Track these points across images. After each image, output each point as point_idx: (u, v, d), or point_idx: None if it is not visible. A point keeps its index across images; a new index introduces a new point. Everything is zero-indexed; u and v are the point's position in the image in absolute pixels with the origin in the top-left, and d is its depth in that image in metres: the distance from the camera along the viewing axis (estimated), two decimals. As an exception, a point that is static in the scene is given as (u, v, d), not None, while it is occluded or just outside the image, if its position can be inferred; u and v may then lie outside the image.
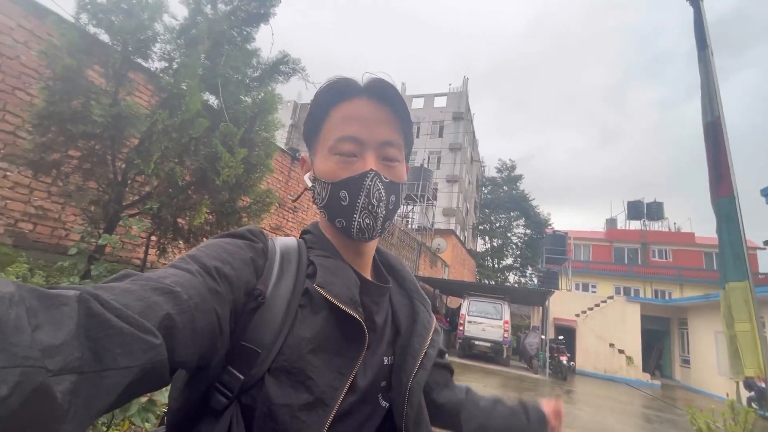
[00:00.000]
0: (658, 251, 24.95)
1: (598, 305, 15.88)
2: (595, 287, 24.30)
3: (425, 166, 23.83)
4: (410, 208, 20.33)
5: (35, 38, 3.46)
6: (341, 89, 0.59)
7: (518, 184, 37.36)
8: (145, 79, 3.55)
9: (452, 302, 18.93)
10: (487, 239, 37.37)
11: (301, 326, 0.51)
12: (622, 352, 14.85)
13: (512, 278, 36.48)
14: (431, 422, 0.62)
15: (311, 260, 0.58)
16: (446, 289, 17.34)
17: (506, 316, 12.72)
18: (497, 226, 37.19)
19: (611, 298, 16.25)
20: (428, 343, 0.61)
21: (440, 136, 28.42)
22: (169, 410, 0.51)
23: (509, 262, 36.84)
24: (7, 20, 3.35)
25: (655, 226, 26.13)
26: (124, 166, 3.15)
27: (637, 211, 26.16)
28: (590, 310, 15.84)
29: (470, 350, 12.90)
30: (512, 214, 36.70)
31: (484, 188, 38.54)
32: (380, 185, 0.57)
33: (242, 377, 0.47)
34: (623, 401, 9.97)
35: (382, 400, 0.57)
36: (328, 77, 0.62)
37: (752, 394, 7.47)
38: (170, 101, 3.07)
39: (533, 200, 36.55)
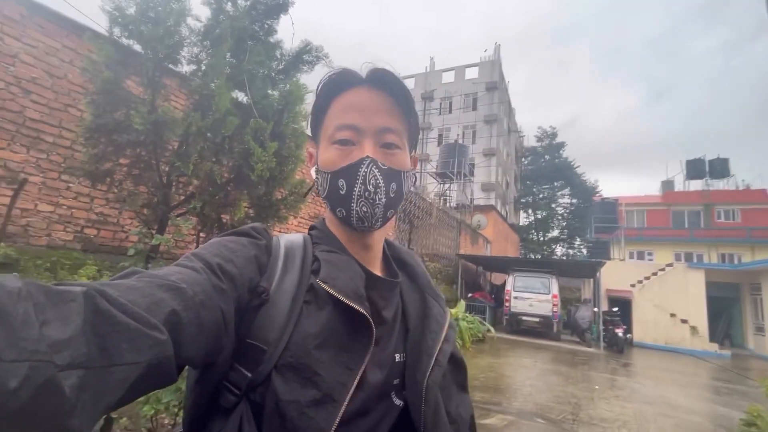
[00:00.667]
0: (723, 212, 22.82)
1: (656, 274, 14.92)
2: (651, 255, 22.81)
3: (460, 141, 23.20)
4: (447, 186, 19.99)
5: (78, 56, 3.70)
6: (341, 80, 0.59)
7: (561, 152, 35.38)
8: (178, 83, 3.71)
9: (496, 279, 18.62)
10: (530, 212, 36.04)
11: (306, 322, 0.51)
12: (685, 321, 13.95)
13: (559, 251, 35.10)
14: None
15: (316, 256, 0.58)
16: (489, 265, 17.05)
17: (554, 290, 12.32)
18: (540, 197, 35.67)
19: (670, 265, 15.19)
20: (442, 339, 0.59)
21: (474, 109, 27.44)
22: (184, 408, 0.52)
23: (555, 234, 35.38)
24: (52, 42, 3.60)
25: (719, 185, 23.83)
26: (167, 169, 3.34)
27: (697, 170, 23.96)
28: (647, 279, 14.94)
29: (518, 326, 12.70)
30: (556, 184, 34.98)
31: (524, 159, 36.96)
32: (377, 172, 0.56)
33: (249, 375, 0.48)
34: (687, 373, 9.42)
35: (396, 398, 0.56)
36: (330, 69, 0.61)
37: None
38: (202, 103, 3.18)
39: (578, 168, 34.54)
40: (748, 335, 16.20)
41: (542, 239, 35.14)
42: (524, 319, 12.45)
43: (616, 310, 12.78)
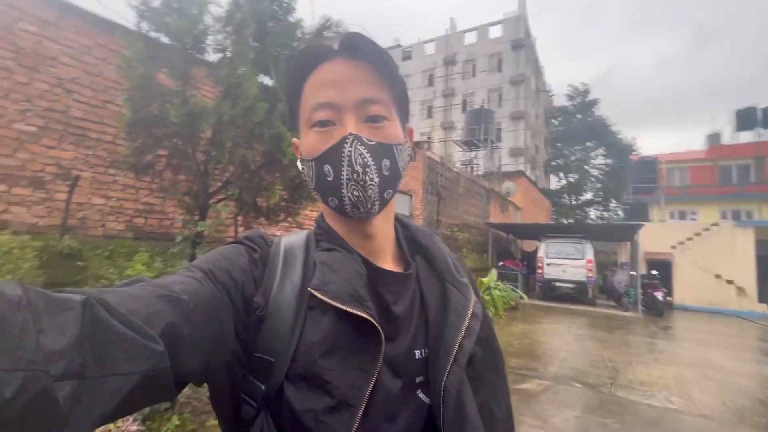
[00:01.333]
0: (778, 164, 21.10)
1: (699, 234, 14.23)
2: (695, 214, 21.64)
3: (485, 106, 22.38)
4: (474, 154, 19.54)
5: (111, 53, 3.82)
6: (312, 55, 0.53)
7: (594, 109, 33.40)
8: (205, 72, 3.78)
9: (528, 246, 18.36)
10: (561, 175, 34.71)
11: (310, 330, 0.49)
12: (730, 282, 13.35)
13: (594, 214, 33.88)
14: None
15: (314, 258, 0.54)
16: (520, 233, 16.81)
17: (589, 255, 12.07)
18: (572, 159, 34.14)
19: (716, 224, 14.41)
20: (462, 333, 0.53)
21: (499, 70, 26.18)
22: (217, 417, 0.53)
23: (589, 197, 34.05)
24: (86, 41, 3.73)
25: (773, 134, 21.91)
26: (204, 158, 3.48)
27: (748, 120, 22.05)
28: (689, 240, 14.28)
29: (552, 292, 12.63)
30: (589, 144, 33.27)
31: (554, 120, 35.26)
32: (362, 149, 0.50)
33: (263, 386, 0.47)
34: (731, 335, 9.13)
35: (423, 396, 0.52)
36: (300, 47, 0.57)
37: None
38: (230, 91, 3.24)
39: (613, 126, 32.59)
40: (801, 294, 15.34)
41: (575, 203, 33.97)
42: (558, 285, 12.35)
43: (655, 273, 12.40)
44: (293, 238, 0.58)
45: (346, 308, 0.48)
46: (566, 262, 12.24)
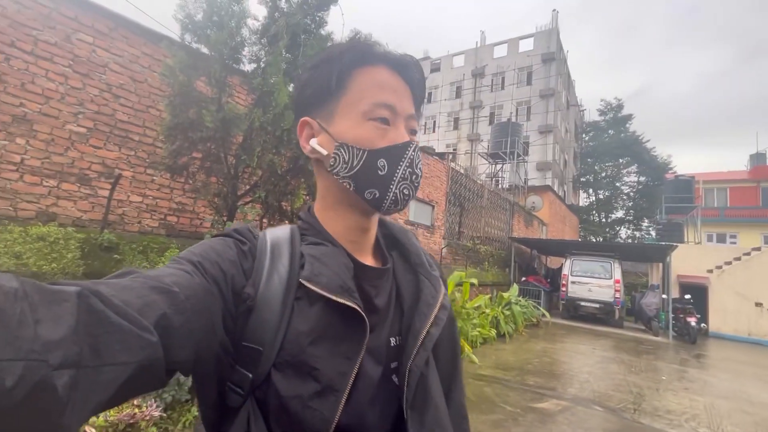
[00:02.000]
0: (830, 188, 19.76)
1: (739, 258, 13.43)
2: (734, 237, 20.50)
3: (513, 119, 22.15)
4: (499, 167, 19.32)
5: (155, 62, 4.11)
6: (365, 53, 0.56)
7: (627, 125, 32.31)
8: (239, 80, 3.99)
9: (553, 262, 17.87)
10: (590, 192, 33.68)
11: (298, 320, 0.51)
12: (773, 311, 12.50)
13: (624, 233, 32.58)
14: None
15: (302, 251, 0.57)
16: (545, 249, 16.40)
17: (617, 274, 11.62)
18: (603, 176, 33.06)
19: (758, 249, 13.58)
20: (431, 321, 0.58)
21: (528, 83, 25.90)
22: (198, 408, 0.54)
23: (620, 215, 32.80)
24: (134, 50, 4.03)
25: (825, 156, 20.57)
26: (234, 161, 3.66)
27: (797, 140, 20.78)
28: (728, 264, 13.50)
29: (575, 312, 12.21)
30: (621, 160, 32.14)
31: (584, 135, 34.39)
32: (419, 158, 0.58)
33: (250, 375, 0.49)
34: (774, 368, 8.52)
35: (396, 380, 0.57)
36: (346, 40, 0.61)
37: None
38: (262, 99, 3.42)
39: (647, 142, 31.38)
40: None
41: (604, 221, 32.81)
42: (582, 304, 11.93)
43: (688, 297, 11.79)
44: (278, 231, 0.60)
45: (336, 299, 0.51)
46: (592, 281, 11.84)
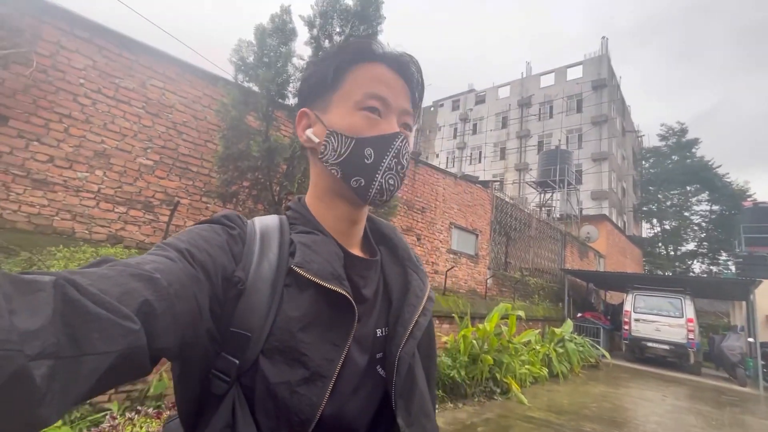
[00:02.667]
0: None
1: (844, 298, 11.50)
2: (838, 274, 17.62)
3: (563, 147, 21.43)
4: (549, 196, 18.58)
5: (213, 101, 4.57)
6: (363, 50, 0.59)
7: (694, 150, 29.83)
8: (285, 114, 4.30)
9: (613, 298, 16.44)
10: (654, 222, 31.00)
11: (288, 306, 0.51)
12: None
13: (698, 267, 29.30)
14: None
15: (292, 239, 0.57)
16: (602, 282, 15.17)
17: (689, 312, 10.39)
18: (668, 204, 30.36)
19: None
20: (419, 311, 0.60)
21: (579, 111, 25.18)
22: (176, 400, 0.53)
23: (691, 247, 29.65)
24: (196, 92, 4.53)
25: None
26: (278, 188, 3.89)
27: None
28: (831, 305, 11.59)
29: (641, 353, 11.00)
30: (689, 188, 29.40)
31: (644, 162, 32.23)
32: (406, 149, 0.59)
33: (237, 361, 0.48)
34: None
35: (381, 370, 0.58)
36: (348, 40, 0.64)
37: None
38: (305, 129, 3.65)
39: (719, 167, 28.63)
40: None
41: (673, 254, 29.82)
42: (649, 345, 10.73)
43: (781, 341, 10.19)
44: (267, 219, 0.60)
45: (327, 285, 0.52)
46: (660, 319, 10.66)
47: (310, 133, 0.60)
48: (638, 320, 10.97)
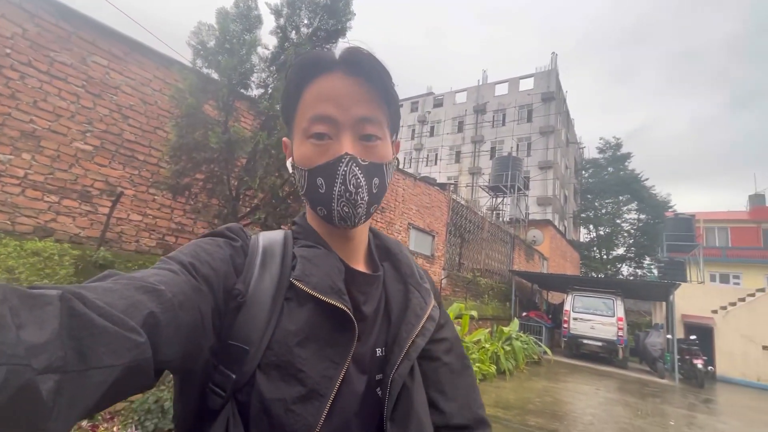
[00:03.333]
0: (831, 231, 19.73)
1: (743, 299, 13.21)
2: (737, 278, 20.23)
3: (513, 154, 22.55)
4: (500, 200, 19.45)
5: (166, 85, 4.23)
6: (314, 64, 0.54)
7: (626, 163, 32.78)
8: (246, 105, 4.09)
9: (554, 298, 17.59)
10: (591, 228, 33.67)
11: (287, 320, 0.50)
12: (782, 356, 12.13)
13: (626, 270, 32.24)
14: None
15: (294, 252, 0.56)
16: (545, 283, 16.17)
17: (620, 312, 11.38)
18: (603, 212, 33.17)
19: (762, 290, 13.37)
20: (417, 331, 0.57)
21: (529, 120, 26.60)
22: (174, 414, 0.52)
23: (621, 252, 32.60)
24: (146, 73, 4.16)
25: (824, 199, 20.67)
26: (236, 183, 3.68)
27: (795, 182, 20.97)
28: (732, 305, 13.26)
29: (578, 350, 11.88)
30: (621, 198, 32.35)
31: (584, 172, 34.83)
32: (357, 170, 0.53)
33: (234, 376, 0.47)
34: (786, 416, 8.15)
35: (380, 392, 0.55)
36: (301, 53, 0.60)
37: None
38: (268, 123, 3.49)
39: (646, 180, 31.73)
40: None
41: (606, 257, 32.57)
42: (585, 342, 11.61)
43: (694, 338, 11.48)
44: (271, 234, 0.59)
45: (326, 299, 0.50)
46: (595, 318, 11.58)
47: (288, 164, 0.60)
48: (576, 319, 11.83)
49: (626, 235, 32.53)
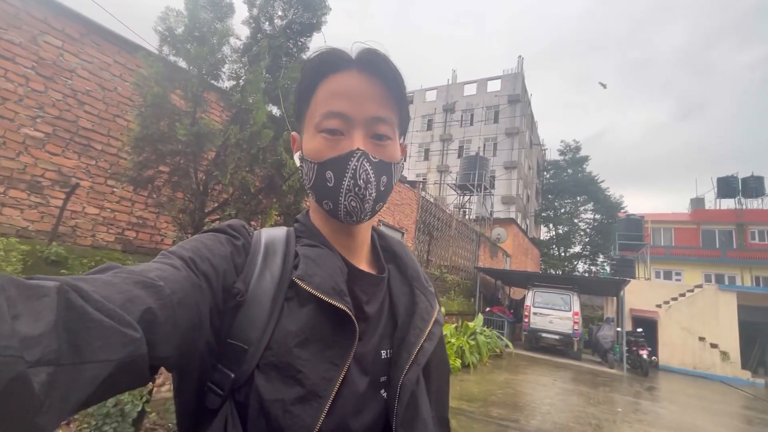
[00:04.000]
0: (758, 233, 21.82)
1: (684, 295, 14.39)
2: (679, 275, 21.97)
3: (481, 153, 23.15)
4: (467, 198, 19.93)
5: (127, 71, 3.99)
6: (329, 61, 0.55)
7: (584, 166, 34.65)
8: (216, 97, 3.94)
9: (516, 293, 18.31)
10: (551, 227, 35.32)
11: (287, 320, 0.50)
12: (714, 346, 13.34)
13: (581, 267, 34.16)
14: None
15: (296, 251, 0.56)
16: (508, 279, 16.82)
17: (576, 307, 12.07)
18: (562, 212, 34.94)
19: (700, 286, 14.62)
20: (425, 336, 0.57)
21: (495, 121, 27.38)
22: (175, 412, 0.52)
23: (577, 250, 34.50)
24: (105, 57, 3.90)
25: (753, 204, 22.81)
26: (204, 177, 3.54)
27: (729, 188, 23.02)
28: (674, 300, 14.41)
29: (537, 343, 12.48)
30: (579, 198, 34.20)
31: (545, 173, 36.42)
32: (368, 165, 0.53)
33: (232, 375, 0.47)
34: (716, 400, 9.00)
35: (385, 395, 0.55)
36: (316, 48, 0.57)
37: None
38: (240, 116, 3.38)
39: (602, 182, 33.71)
40: (785, 364, 15.33)
41: (563, 255, 34.31)
42: (544, 336, 12.22)
43: (640, 330, 12.39)
44: (274, 231, 0.59)
45: (328, 300, 0.50)
46: (553, 312, 12.20)
47: (296, 157, 0.61)
48: (536, 314, 12.41)
49: (582, 233, 34.43)
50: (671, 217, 24.49)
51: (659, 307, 14.42)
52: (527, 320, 12.48)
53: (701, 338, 13.61)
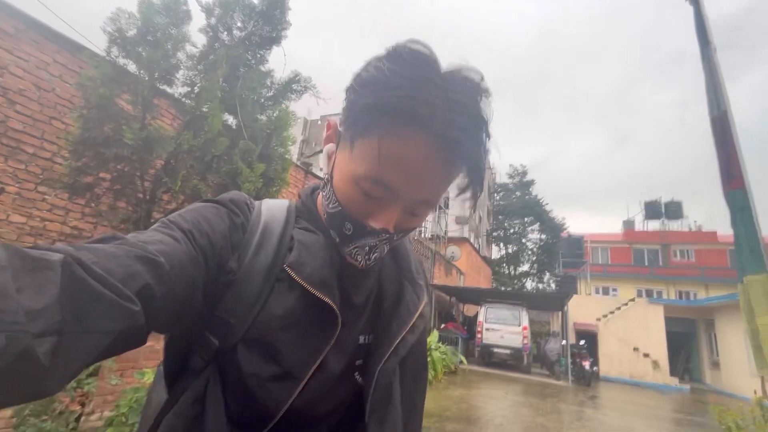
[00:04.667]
0: (679, 252, 24.31)
1: (619, 308, 15.53)
2: (615, 290, 23.76)
3: (436, 175, 23.88)
4: (423, 217, 20.35)
5: (68, 72, 3.75)
6: (402, 109, 0.43)
7: (531, 189, 37.00)
8: (168, 103, 3.80)
9: (469, 310, 18.76)
10: (501, 246, 36.97)
11: (274, 303, 0.51)
12: (646, 356, 14.44)
13: (530, 284, 35.88)
14: None
15: (293, 234, 0.56)
16: (462, 296, 17.23)
17: (525, 322, 12.58)
18: (511, 232, 36.77)
19: (632, 300, 15.89)
20: (408, 328, 0.58)
21: (449, 144, 28.53)
22: (163, 360, 0.55)
23: (525, 268, 36.28)
24: (43, 56, 3.64)
25: (674, 226, 25.50)
26: (151, 185, 3.36)
27: (654, 211, 25.62)
28: (611, 313, 15.50)
29: (490, 358, 12.78)
30: (526, 219, 36.26)
31: (496, 195, 38.32)
32: (386, 248, 0.53)
33: (217, 343, 0.49)
34: (650, 405, 9.70)
35: (359, 378, 0.57)
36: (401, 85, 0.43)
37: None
38: (193, 123, 3.28)
39: (547, 205, 36.10)
40: (704, 370, 16.91)
41: (513, 273, 35.89)
42: (496, 351, 12.55)
43: (583, 343, 13.12)
44: (275, 208, 0.58)
45: (314, 292, 0.51)
46: (504, 327, 12.61)
47: (326, 151, 0.56)
48: (488, 329, 12.77)
49: (530, 252, 36.31)
50: (607, 237, 26.64)
51: (599, 320, 15.43)
52: (480, 336, 12.79)
53: (635, 348, 14.68)
